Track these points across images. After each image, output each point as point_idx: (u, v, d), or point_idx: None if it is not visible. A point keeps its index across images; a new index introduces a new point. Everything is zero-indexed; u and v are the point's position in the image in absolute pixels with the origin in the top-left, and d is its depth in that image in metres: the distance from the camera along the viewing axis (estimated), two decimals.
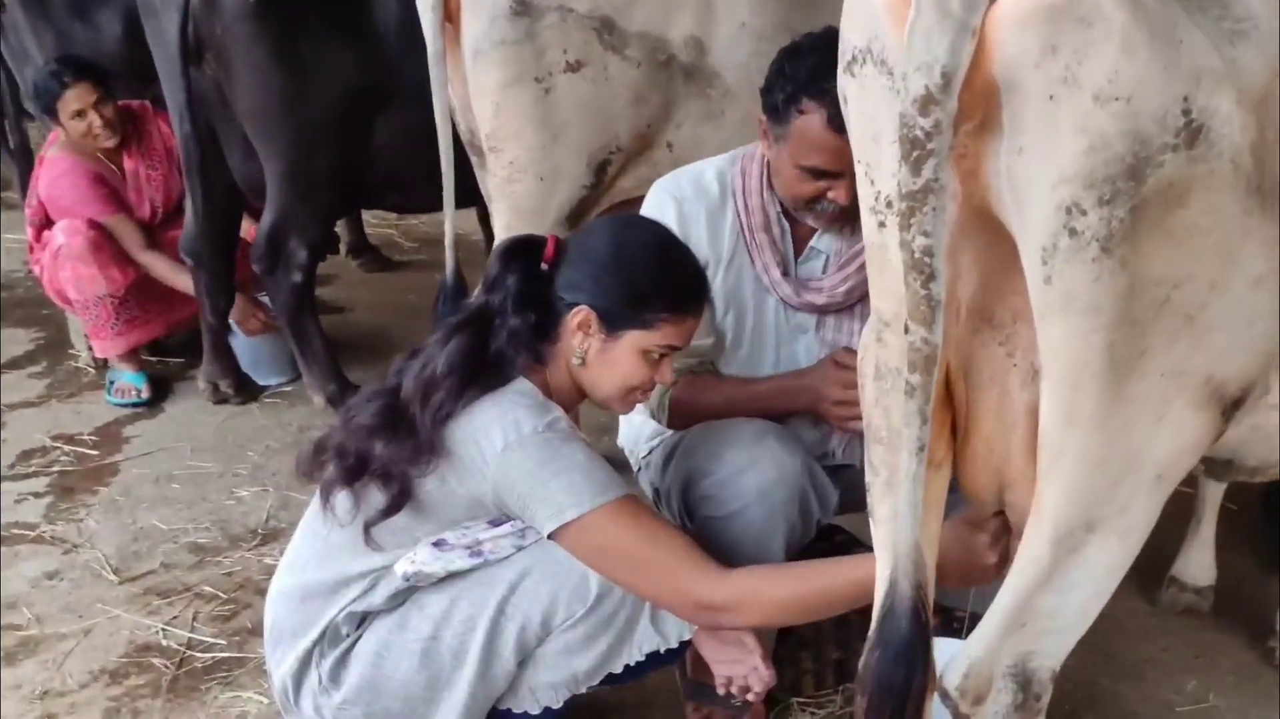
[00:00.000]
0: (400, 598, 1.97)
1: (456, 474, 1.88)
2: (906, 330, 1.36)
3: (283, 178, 3.54)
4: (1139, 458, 1.45)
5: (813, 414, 2.29)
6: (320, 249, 3.72)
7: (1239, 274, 1.38)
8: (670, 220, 2.29)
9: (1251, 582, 2.86)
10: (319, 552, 2.01)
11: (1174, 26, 1.27)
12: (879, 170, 1.42)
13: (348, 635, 1.98)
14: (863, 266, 2.28)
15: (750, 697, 2.07)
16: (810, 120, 2.16)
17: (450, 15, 2.81)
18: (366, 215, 5.46)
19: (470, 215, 5.44)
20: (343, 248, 5.22)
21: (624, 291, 1.96)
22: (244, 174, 3.70)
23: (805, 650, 2.38)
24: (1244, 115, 1.30)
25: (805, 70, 2.17)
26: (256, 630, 2.70)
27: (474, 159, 3.14)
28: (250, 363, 4.09)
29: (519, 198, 2.92)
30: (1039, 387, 1.49)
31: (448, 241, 3.11)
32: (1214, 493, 2.68)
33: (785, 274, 2.35)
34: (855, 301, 2.34)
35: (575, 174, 2.91)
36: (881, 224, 1.45)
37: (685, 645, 2.05)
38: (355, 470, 1.90)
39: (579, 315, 1.96)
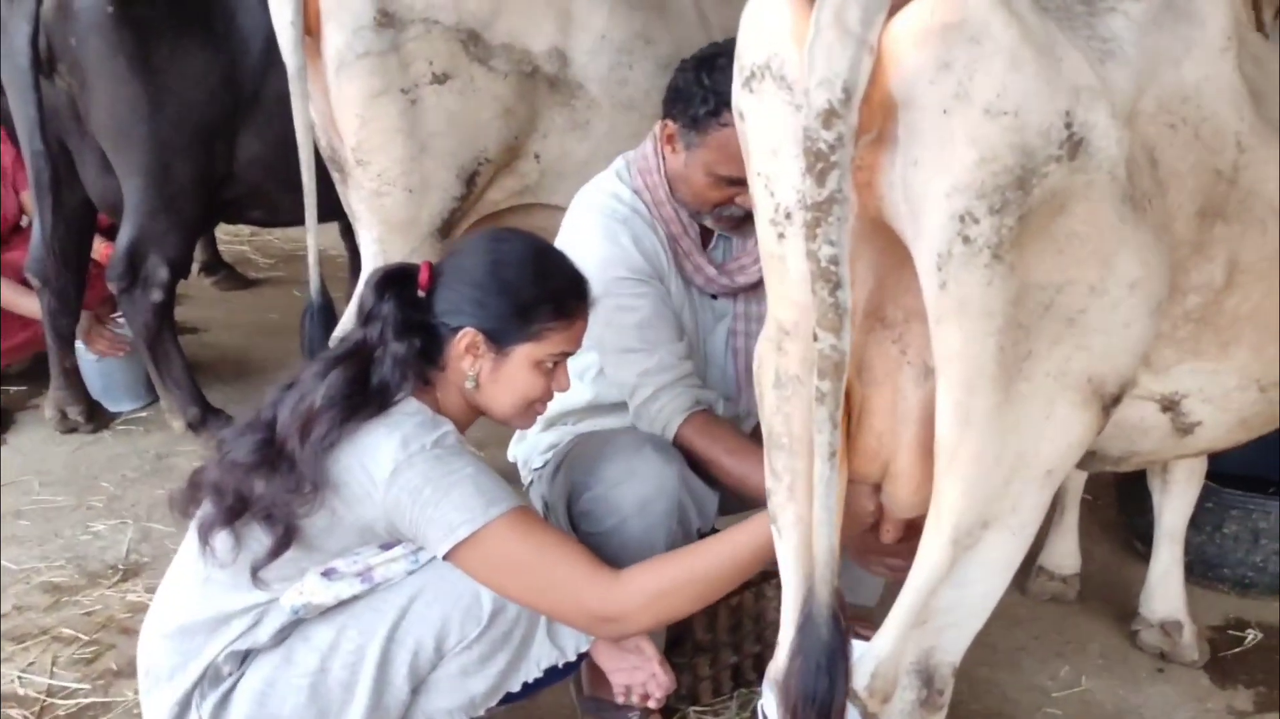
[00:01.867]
0: (286, 632, 1.90)
1: (344, 503, 1.82)
2: (815, 338, 1.39)
3: (141, 192, 3.38)
4: (1029, 456, 1.51)
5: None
6: (181, 266, 3.55)
7: (1115, 279, 1.46)
8: (627, 242, 2.30)
9: (1111, 568, 3.01)
10: (197, 588, 1.92)
11: (1054, 44, 1.33)
12: (778, 182, 1.44)
13: (230, 675, 1.90)
14: None
15: (651, 703, 2.07)
16: (733, 133, 2.14)
17: (310, 28, 2.74)
18: (219, 232, 5.26)
19: (331, 230, 5.32)
20: (195, 266, 4.99)
21: (507, 307, 1.92)
22: (99, 190, 3.52)
23: (701, 656, 2.39)
24: (1118, 129, 1.37)
25: (728, 83, 2.16)
26: (123, 672, 2.56)
27: (334, 174, 3.05)
28: (101, 388, 3.88)
29: (389, 210, 2.86)
30: (931, 384, 1.53)
31: (311, 258, 3.03)
32: (1075, 484, 2.81)
33: (716, 268, 2.40)
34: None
35: (445, 185, 2.87)
36: (781, 235, 1.47)
37: (582, 658, 2.03)
38: (235, 510, 1.82)
39: (465, 338, 1.92)
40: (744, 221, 2.31)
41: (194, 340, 4.51)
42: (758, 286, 2.43)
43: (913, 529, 1.75)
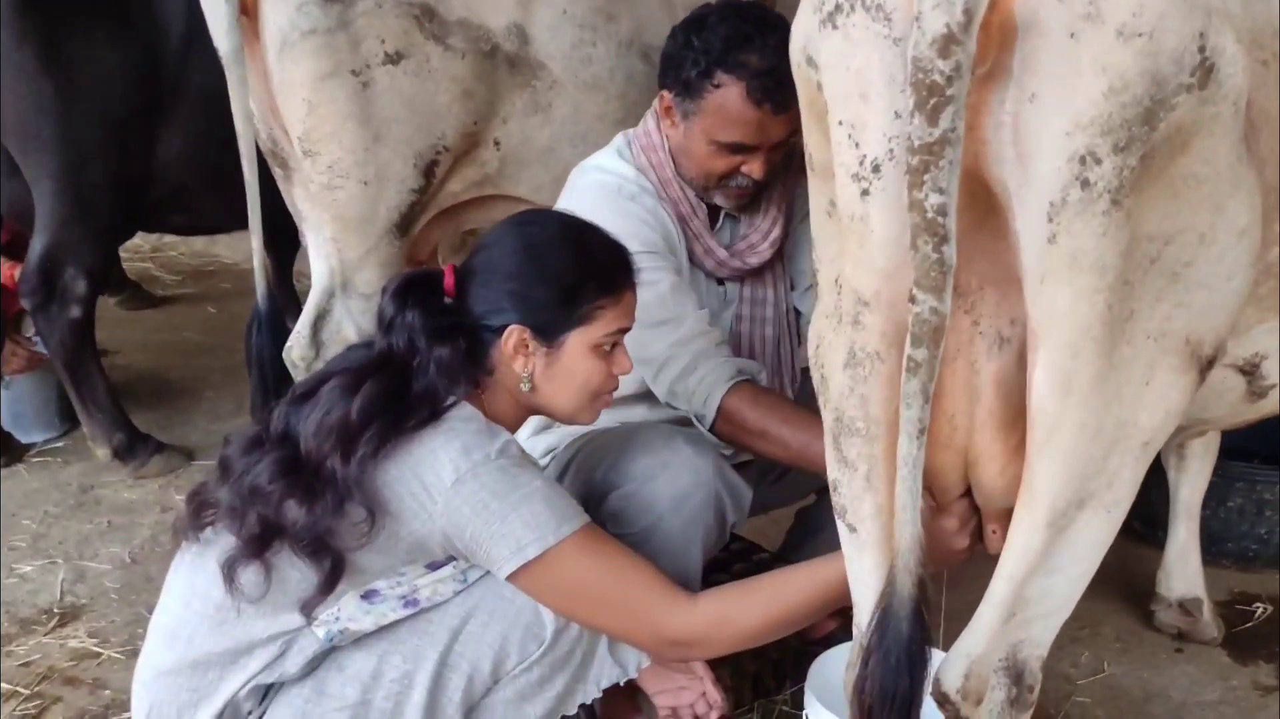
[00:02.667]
0: (316, 662, 1.68)
1: (397, 520, 1.63)
2: (913, 300, 1.24)
3: (54, 198, 3.10)
4: (1129, 426, 1.39)
5: None
6: (100, 278, 3.27)
7: (1226, 226, 1.34)
8: (639, 217, 2.15)
9: (1113, 551, 2.92)
10: (210, 617, 1.69)
11: None
12: (865, 131, 1.28)
13: (251, 713, 1.69)
14: (780, 207, 2.26)
15: None
16: (728, 94, 2.09)
17: (246, 7, 2.50)
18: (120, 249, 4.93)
19: (236, 242, 5.04)
20: None
21: (551, 295, 1.76)
22: (8, 198, 3.23)
23: (724, 667, 2.21)
24: (1244, 56, 1.25)
25: (719, 41, 2.09)
26: None
27: (276, 170, 2.81)
28: (10, 418, 3.55)
29: (342, 205, 2.63)
30: (1006, 355, 1.41)
31: (256, 262, 2.79)
32: None
33: (728, 250, 2.27)
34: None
35: (402, 176, 2.65)
36: (865, 192, 1.31)
37: None
38: (262, 539, 1.62)
39: (512, 338, 1.74)
40: (757, 193, 2.19)
41: (105, 363, 4.15)
42: (761, 270, 2.34)
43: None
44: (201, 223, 3.65)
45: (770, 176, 2.21)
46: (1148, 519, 2.80)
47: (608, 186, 2.21)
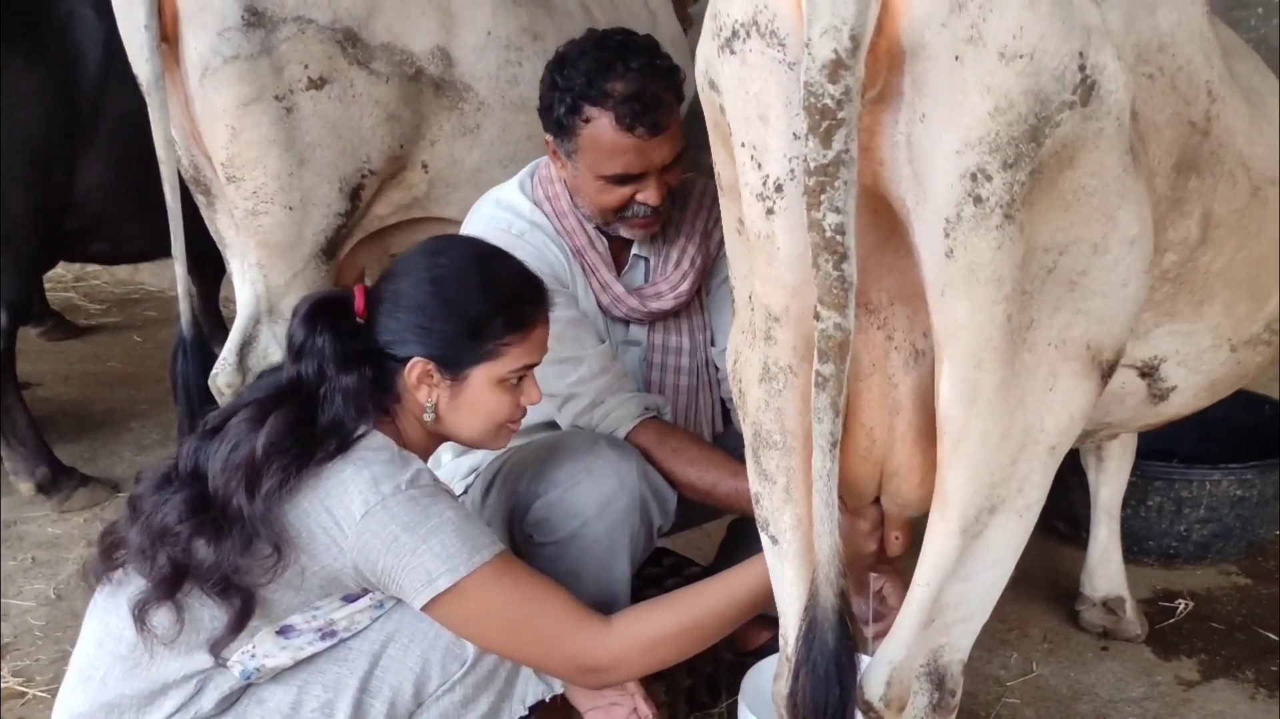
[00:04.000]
0: (233, 698, 1.66)
1: (308, 555, 1.61)
2: (817, 317, 1.27)
3: None
4: (1035, 432, 1.43)
5: None
6: (22, 310, 3.21)
7: (1118, 235, 1.39)
8: (525, 256, 2.07)
9: (1037, 552, 2.98)
10: (123, 657, 1.66)
11: None
12: (767, 152, 1.31)
13: None
14: (694, 261, 2.25)
15: None
16: (598, 126, 2.05)
17: (166, 33, 2.48)
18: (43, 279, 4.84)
19: (161, 270, 4.97)
20: None
21: (457, 329, 1.74)
22: None
23: (659, 683, 2.23)
24: (1124, 72, 1.30)
25: (580, 75, 2.06)
26: None
27: (199, 198, 2.79)
28: None
29: (267, 231, 2.61)
30: (921, 369, 1.45)
31: (180, 289, 2.75)
32: None
33: (626, 289, 2.24)
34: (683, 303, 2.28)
35: (327, 201, 2.64)
36: (769, 211, 1.34)
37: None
38: (172, 580, 1.60)
39: (415, 369, 1.73)
40: (659, 220, 2.17)
41: (27, 396, 4.07)
42: (677, 319, 2.31)
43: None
44: (123, 251, 3.59)
45: (670, 205, 2.18)
46: (1070, 520, 2.87)
47: (498, 223, 2.19)
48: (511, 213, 2.21)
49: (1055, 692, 2.45)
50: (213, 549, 1.58)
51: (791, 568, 1.53)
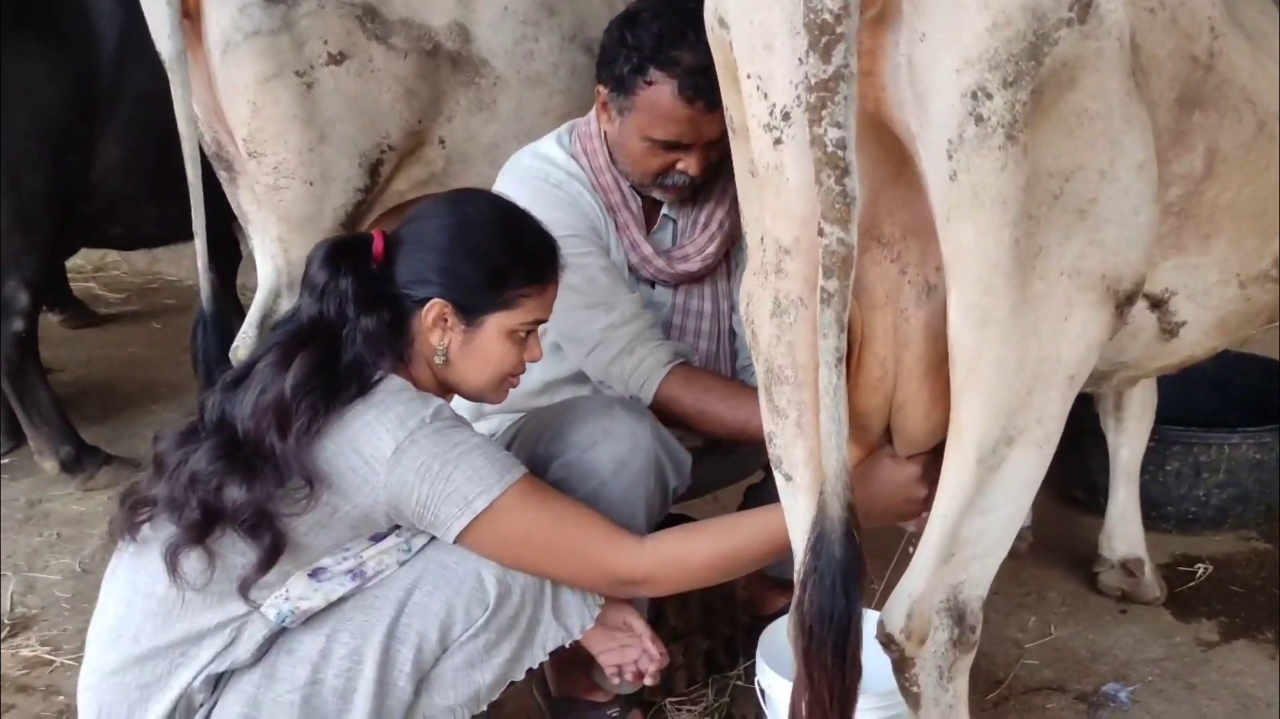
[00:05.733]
0: (267, 647, 1.69)
1: (338, 494, 1.65)
2: (821, 233, 1.29)
3: None
4: (1051, 361, 1.44)
5: None
6: (42, 292, 3.27)
7: (1125, 161, 1.40)
8: (563, 204, 2.15)
9: (1054, 519, 2.99)
10: (155, 613, 1.69)
11: None
12: (773, 81, 1.33)
13: (203, 704, 1.69)
14: (722, 224, 2.27)
15: (647, 680, 1.92)
16: (660, 91, 2.08)
17: (187, 9, 2.53)
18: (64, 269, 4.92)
19: (179, 259, 5.03)
20: None
21: (478, 275, 1.77)
22: None
23: (675, 644, 2.24)
24: None
25: (650, 38, 2.09)
26: None
27: (221, 174, 2.84)
28: None
29: (288, 206, 2.65)
30: (934, 302, 1.46)
31: (200, 263, 2.79)
32: None
33: (655, 249, 2.26)
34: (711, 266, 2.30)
35: (347, 176, 2.68)
36: (777, 141, 1.36)
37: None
38: (204, 524, 1.63)
39: (432, 311, 1.76)
40: (694, 190, 2.20)
41: (50, 380, 4.14)
42: (700, 283, 2.33)
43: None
44: (141, 235, 3.63)
45: (707, 174, 2.21)
46: (1088, 487, 2.87)
47: (535, 172, 2.23)
48: (549, 163, 2.24)
49: (1073, 653, 2.45)
50: (245, 489, 1.61)
51: (804, 501, 1.54)
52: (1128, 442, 2.54)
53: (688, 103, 2.06)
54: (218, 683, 1.71)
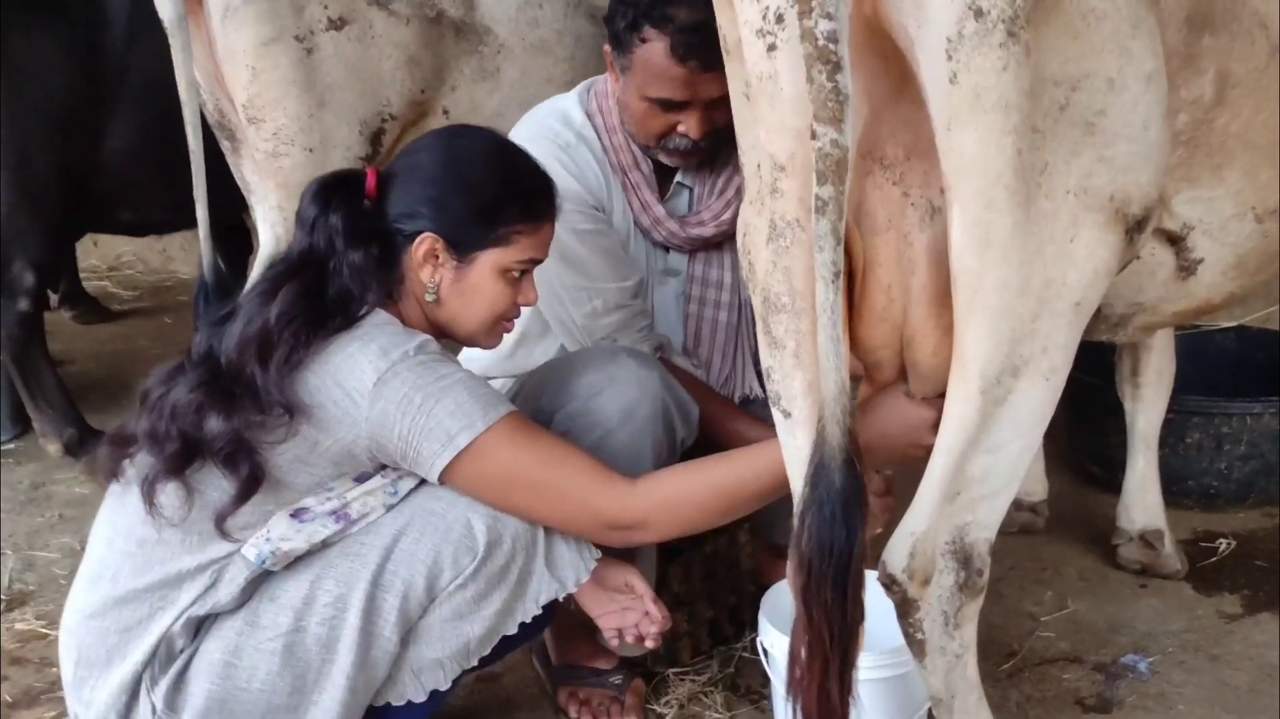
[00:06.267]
0: (249, 592, 1.65)
1: (319, 428, 1.61)
2: (813, 135, 1.23)
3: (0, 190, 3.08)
4: (1056, 285, 1.38)
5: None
6: (49, 273, 3.25)
7: (1134, 71, 1.35)
8: (567, 171, 2.11)
9: (1072, 495, 2.92)
10: (133, 554, 1.66)
11: None
12: None
13: (183, 650, 1.64)
14: (740, 190, 2.16)
15: (648, 643, 1.86)
16: (653, 49, 2.05)
17: None
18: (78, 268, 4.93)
19: (192, 258, 5.01)
20: (53, 299, 4.63)
21: (471, 208, 1.73)
22: None
23: (679, 610, 2.17)
24: None
25: None
26: (19, 703, 2.25)
27: (224, 144, 2.82)
28: None
29: (287, 172, 2.64)
30: (938, 224, 1.40)
31: (202, 233, 2.76)
32: None
33: (668, 212, 2.22)
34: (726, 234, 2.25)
35: (347, 143, 2.66)
36: (771, 47, 1.31)
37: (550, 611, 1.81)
38: (183, 455, 1.59)
39: (424, 245, 1.72)
40: (701, 154, 2.16)
41: (60, 371, 4.12)
42: (716, 247, 2.28)
43: None
44: (150, 219, 3.60)
45: (716, 138, 2.15)
46: (1106, 463, 2.79)
47: (545, 131, 2.19)
48: (563, 122, 2.20)
49: (1091, 625, 2.37)
50: (223, 419, 1.58)
51: (803, 436, 1.49)
52: (1145, 409, 2.46)
53: (680, 60, 2.02)
54: (199, 629, 1.67)
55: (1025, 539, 2.71)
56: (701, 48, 1.99)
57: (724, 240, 2.25)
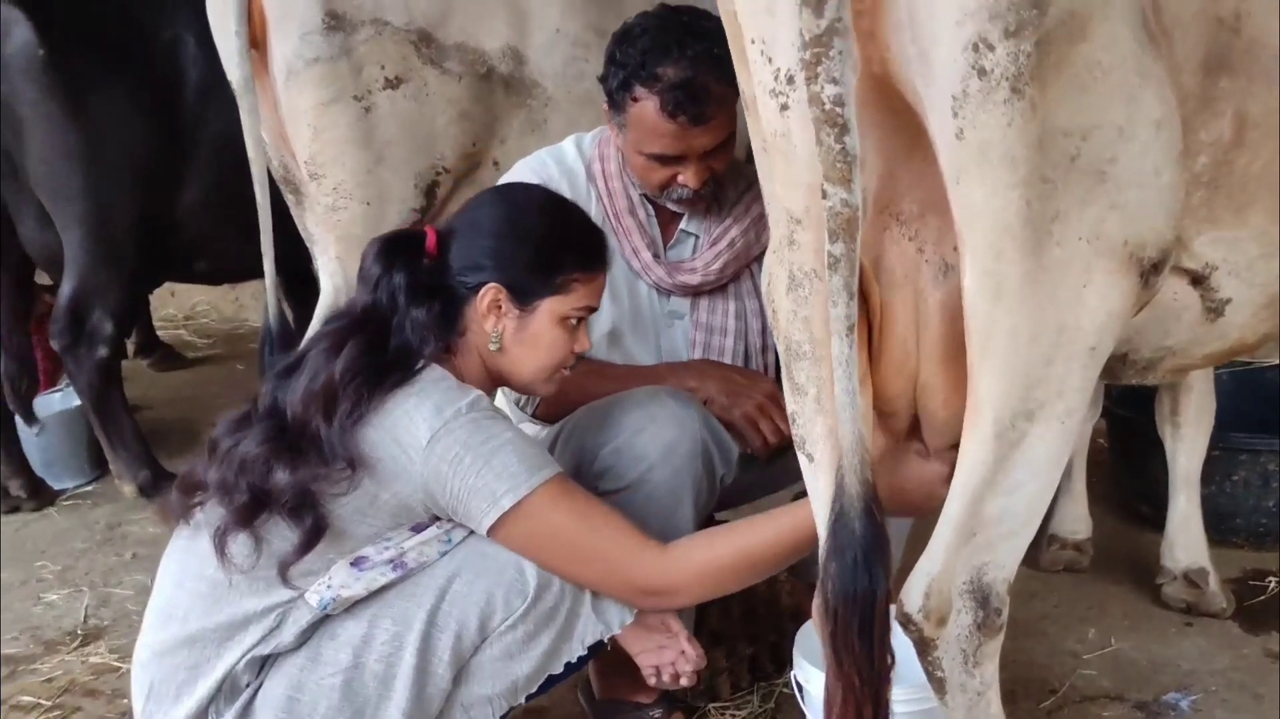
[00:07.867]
0: (310, 632, 1.73)
1: (378, 482, 1.69)
2: (824, 195, 1.29)
3: (82, 243, 3.27)
4: (1070, 329, 1.40)
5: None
6: (126, 321, 3.43)
7: (1142, 117, 1.37)
8: None
9: (1119, 534, 2.92)
10: (204, 595, 1.75)
11: None
12: (776, 44, 1.35)
13: (248, 685, 1.73)
14: (733, 243, 2.29)
15: (683, 681, 1.91)
16: (644, 107, 2.12)
17: (255, 39, 2.67)
18: (155, 319, 5.14)
19: (263, 304, 5.19)
20: (130, 346, 4.83)
21: (531, 258, 1.83)
22: (38, 246, 3.40)
23: (718, 648, 2.23)
24: None
25: (636, 55, 2.13)
26: None
27: (289, 197, 2.95)
28: (42, 464, 3.67)
29: (345, 226, 2.75)
30: (952, 281, 1.45)
31: (268, 282, 2.89)
32: (1081, 446, 2.71)
33: (656, 257, 2.28)
34: (729, 280, 2.30)
35: (403, 197, 2.78)
36: (784, 107, 1.38)
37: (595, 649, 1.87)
38: (251, 507, 1.68)
39: (488, 296, 1.81)
40: (706, 200, 2.23)
41: (136, 417, 4.30)
42: (721, 290, 2.32)
43: None
44: (224, 269, 3.77)
45: (719, 187, 2.23)
46: (1154, 502, 2.78)
47: (533, 164, 2.29)
48: (554, 159, 2.30)
49: (1135, 664, 2.37)
50: (289, 473, 1.66)
51: (825, 479, 1.52)
52: (1185, 448, 2.47)
53: (670, 117, 2.09)
54: (262, 666, 1.75)
55: (1070, 577, 2.71)
56: (690, 103, 2.07)
57: (728, 283, 2.31)
